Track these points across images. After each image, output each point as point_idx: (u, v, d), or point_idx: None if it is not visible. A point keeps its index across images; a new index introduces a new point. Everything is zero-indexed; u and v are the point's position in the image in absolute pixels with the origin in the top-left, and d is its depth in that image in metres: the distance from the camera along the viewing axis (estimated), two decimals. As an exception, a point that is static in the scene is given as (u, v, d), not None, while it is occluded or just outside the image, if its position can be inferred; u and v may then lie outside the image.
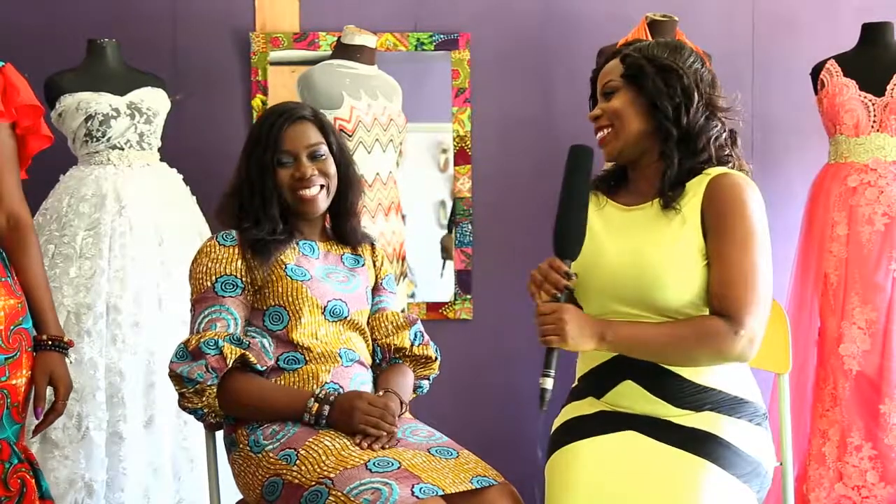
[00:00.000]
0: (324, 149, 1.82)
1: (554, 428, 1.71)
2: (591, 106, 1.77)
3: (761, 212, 1.60)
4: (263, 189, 1.78)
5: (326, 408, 1.67)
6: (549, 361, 1.54)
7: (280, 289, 1.76)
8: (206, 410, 1.72)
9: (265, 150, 1.79)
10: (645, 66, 1.64)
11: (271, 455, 1.66)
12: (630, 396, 1.64)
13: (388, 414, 1.66)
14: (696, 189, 1.62)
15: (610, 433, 1.61)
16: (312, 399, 1.68)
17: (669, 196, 1.62)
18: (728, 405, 1.63)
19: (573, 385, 1.77)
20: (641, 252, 1.61)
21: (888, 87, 2.69)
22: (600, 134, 1.70)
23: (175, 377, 1.70)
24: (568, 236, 1.58)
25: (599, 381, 1.68)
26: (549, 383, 1.53)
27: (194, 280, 1.79)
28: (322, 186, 1.81)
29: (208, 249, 1.79)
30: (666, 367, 1.61)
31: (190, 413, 1.74)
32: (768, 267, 1.58)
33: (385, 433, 1.64)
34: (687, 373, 1.62)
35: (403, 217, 2.88)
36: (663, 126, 1.63)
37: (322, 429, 1.68)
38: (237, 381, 1.70)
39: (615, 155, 1.69)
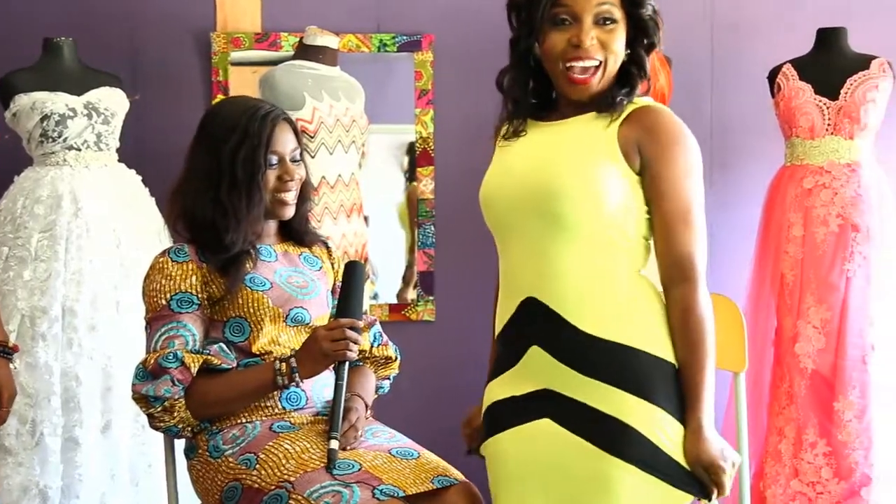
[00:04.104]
0: (299, 152, 1.80)
1: (484, 407, 1.65)
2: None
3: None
4: (251, 188, 1.71)
5: (293, 360, 1.65)
6: (335, 423, 1.63)
7: (240, 300, 1.73)
8: (180, 426, 1.68)
9: (255, 148, 1.71)
10: (647, 2, 1.54)
11: (230, 460, 1.65)
12: (538, 365, 1.55)
13: (346, 328, 1.64)
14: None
15: (527, 422, 1.55)
16: (278, 362, 1.66)
17: (617, 101, 1.53)
18: (640, 378, 1.49)
19: (493, 343, 1.69)
20: (549, 159, 1.54)
21: (842, 91, 2.73)
22: (586, 64, 1.50)
23: (140, 399, 1.65)
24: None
25: (511, 347, 1.60)
26: (335, 444, 1.62)
27: (148, 298, 1.73)
28: (295, 190, 1.79)
29: (161, 266, 1.73)
30: (571, 323, 1.51)
31: (165, 433, 1.70)
32: (702, 204, 1.54)
33: (357, 347, 1.67)
34: (591, 328, 1.51)
35: (366, 218, 2.87)
36: (642, 64, 1.55)
37: (293, 396, 1.70)
38: (202, 384, 1.66)
39: (591, 94, 1.54)
